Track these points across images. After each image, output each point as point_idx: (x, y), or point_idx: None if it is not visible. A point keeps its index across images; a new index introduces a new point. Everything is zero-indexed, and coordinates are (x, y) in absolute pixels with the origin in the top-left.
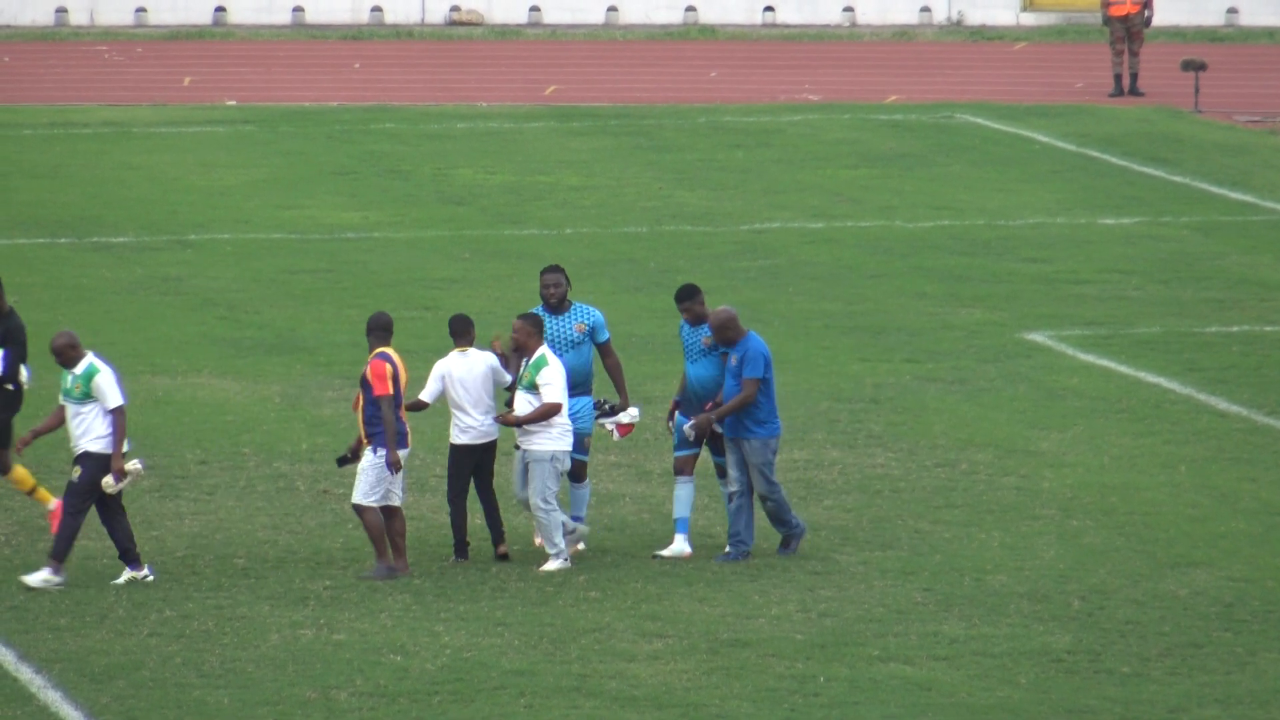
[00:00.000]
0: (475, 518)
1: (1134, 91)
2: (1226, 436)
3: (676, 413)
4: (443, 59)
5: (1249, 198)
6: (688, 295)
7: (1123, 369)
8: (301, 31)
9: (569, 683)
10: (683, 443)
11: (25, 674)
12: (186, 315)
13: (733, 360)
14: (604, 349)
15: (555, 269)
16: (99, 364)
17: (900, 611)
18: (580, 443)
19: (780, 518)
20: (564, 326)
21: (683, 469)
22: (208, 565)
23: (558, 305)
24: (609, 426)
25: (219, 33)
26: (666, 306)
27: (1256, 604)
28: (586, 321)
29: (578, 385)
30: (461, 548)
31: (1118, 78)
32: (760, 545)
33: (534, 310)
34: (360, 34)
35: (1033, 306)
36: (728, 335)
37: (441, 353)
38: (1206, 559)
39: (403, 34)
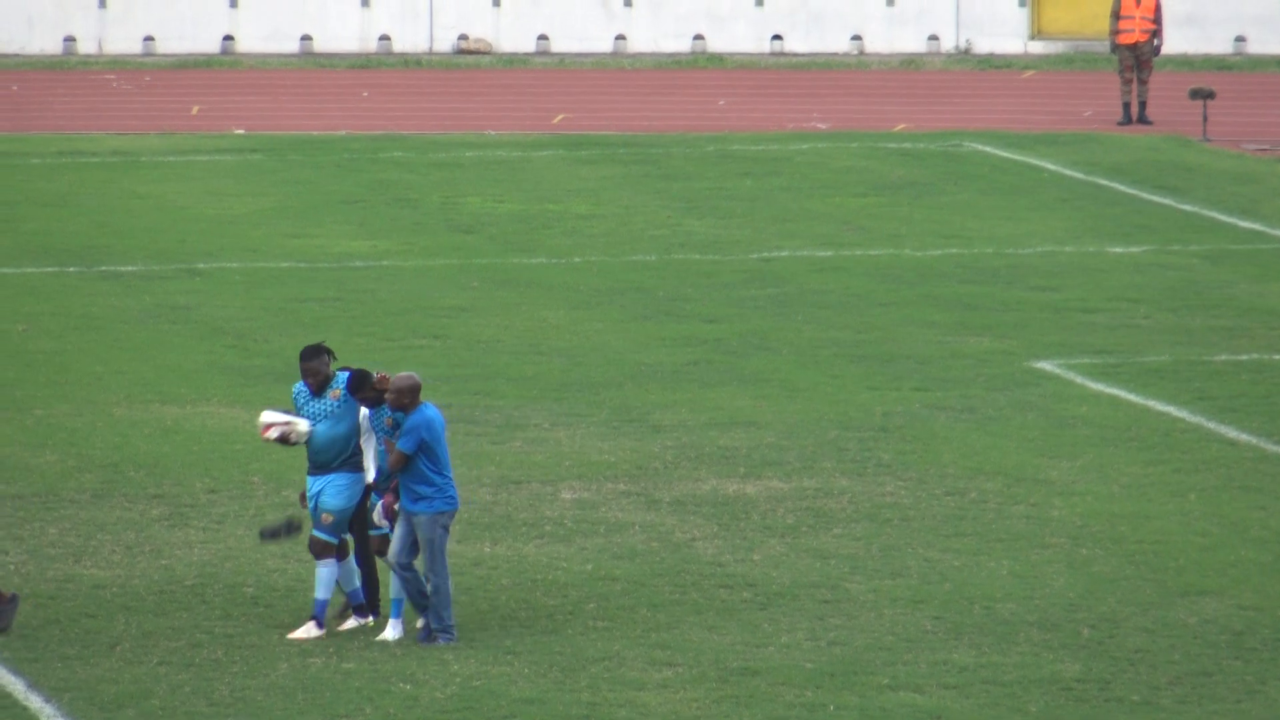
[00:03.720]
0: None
1: (1142, 120)
2: (1236, 465)
3: (372, 493)
4: (451, 88)
5: (1258, 226)
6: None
7: (1132, 397)
8: (310, 60)
9: (579, 711)
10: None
11: (35, 703)
12: (195, 344)
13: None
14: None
15: (317, 352)
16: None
17: (910, 640)
18: (318, 518)
19: (439, 611)
20: (322, 404)
21: (380, 551)
22: (217, 594)
23: (319, 389)
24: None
25: (227, 61)
26: (676, 335)
27: (1267, 632)
28: (341, 387)
29: (329, 462)
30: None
31: (1126, 106)
32: (768, 574)
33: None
34: (368, 63)
35: (1042, 335)
36: (403, 402)
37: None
38: (1216, 587)
39: (411, 63)
